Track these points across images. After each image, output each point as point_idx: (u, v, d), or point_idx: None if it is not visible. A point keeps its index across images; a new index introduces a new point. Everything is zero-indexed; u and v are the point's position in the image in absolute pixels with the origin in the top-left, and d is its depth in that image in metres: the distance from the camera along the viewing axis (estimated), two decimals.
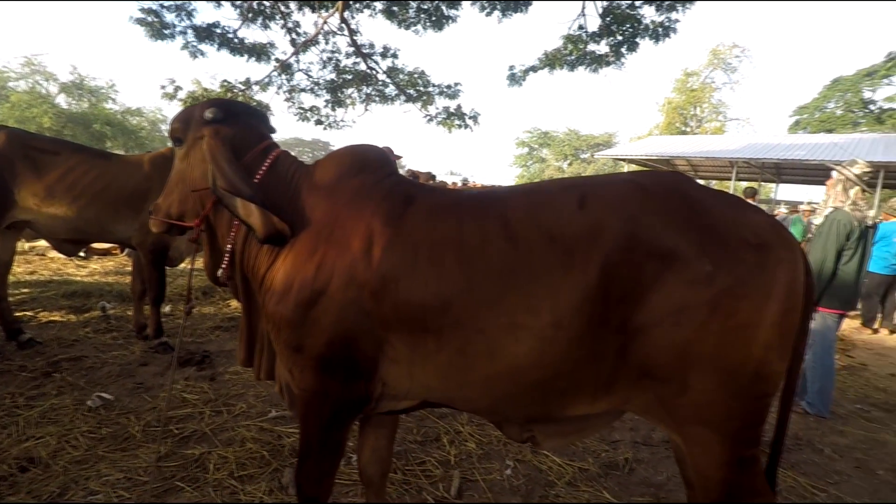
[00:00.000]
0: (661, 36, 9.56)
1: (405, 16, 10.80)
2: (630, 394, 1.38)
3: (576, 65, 10.42)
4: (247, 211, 1.51)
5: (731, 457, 1.32)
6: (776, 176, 25.06)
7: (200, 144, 1.65)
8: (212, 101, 1.72)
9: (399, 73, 12.29)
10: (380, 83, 12.51)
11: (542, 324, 1.32)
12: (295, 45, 11.55)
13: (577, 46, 9.94)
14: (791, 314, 1.29)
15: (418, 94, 12.31)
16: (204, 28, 10.63)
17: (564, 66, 10.45)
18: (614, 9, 9.53)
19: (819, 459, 2.92)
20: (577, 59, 10.23)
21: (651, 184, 1.40)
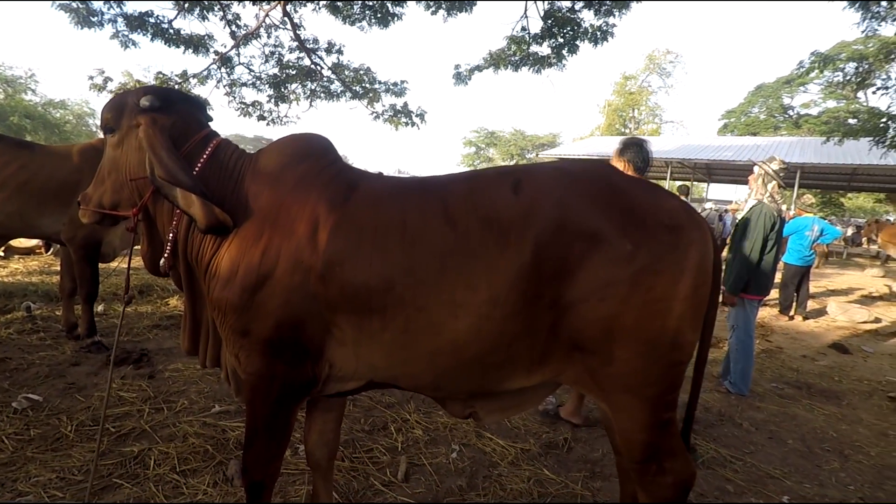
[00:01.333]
0: (600, 39, 9.95)
1: (350, 11, 10.70)
2: (562, 366, 1.48)
3: (519, 65, 10.68)
4: (187, 201, 1.50)
5: (652, 420, 1.45)
6: (707, 176, 26.62)
7: (136, 133, 1.61)
8: (147, 87, 1.68)
9: (344, 70, 12.16)
10: (325, 79, 12.33)
11: (479, 301, 1.40)
12: (235, 38, 11.19)
13: (521, 47, 10.20)
14: (701, 289, 1.43)
15: (364, 91, 12.23)
16: (136, 17, 10.12)
17: (509, 66, 10.69)
18: (555, 12, 9.85)
19: (738, 433, 3.18)
20: (520, 60, 10.49)
21: (578, 171, 1.51)
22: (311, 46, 11.73)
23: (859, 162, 17.57)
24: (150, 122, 1.59)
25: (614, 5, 9.57)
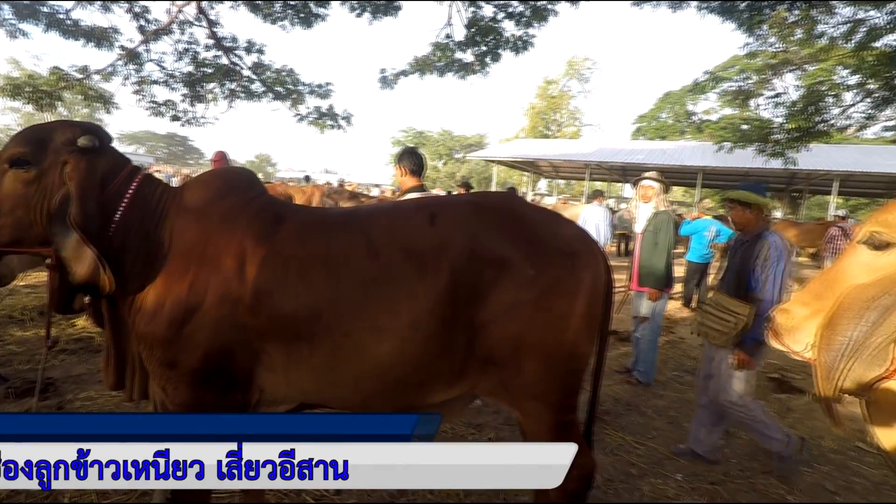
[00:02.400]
0: (520, 49, 10.40)
1: (270, 10, 10.43)
2: (478, 379, 1.64)
3: (445, 71, 10.91)
4: (78, 253, 1.44)
5: (556, 422, 1.64)
6: (622, 176, 28.33)
7: (59, 170, 1.54)
8: (80, 124, 1.61)
9: (266, 70, 11.81)
10: (245, 79, 11.91)
11: (401, 325, 1.52)
12: (144, 33, 10.55)
13: (445, 54, 10.41)
14: (594, 307, 1.64)
15: (287, 92, 11.95)
16: (26, 4, 9.27)
17: (434, 71, 10.88)
18: (478, 20, 10.16)
19: (642, 420, 3.53)
20: (445, 66, 10.72)
21: (488, 203, 1.68)
22: (228, 45, 11.29)
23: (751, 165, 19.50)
24: (84, 164, 1.54)
25: (533, 18, 10.03)
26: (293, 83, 11.95)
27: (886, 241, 1.00)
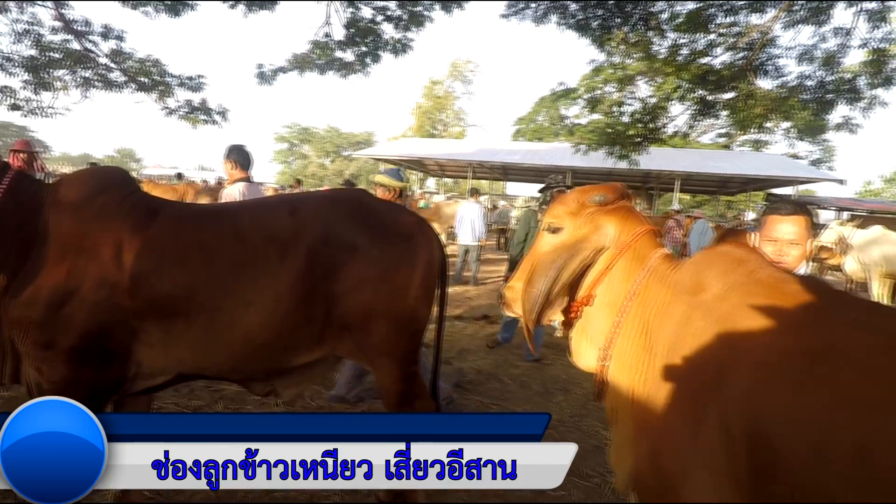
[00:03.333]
0: (400, 51, 10.79)
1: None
2: (337, 343, 1.98)
3: (325, 69, 10.96)
4: None
5: (403, 373, 2.03)
6: (503, 175, 30.10)
7: None
8: None
9: (127, 59, 10.95)
10: (102, 67, 10.94)
11: (266, 299, 1.81)
12: None
13: (325, 52, 10.48)
14: (430, 278, 2.05)
15: (153, 83, 11.19)
16: None
17: (314, 69, 10.88)
18: (357, 21, 10.37)
19: (499, 386, 4.10)
20: (326, 64, 10.78)
21: (341, 197, 2.03)
22: (80, 29, 10.31)
23: (613, 165, 21.88)
24: None
25: (411, 22, 10.47)
26: (160, 74, 11.21)
27: (557, 227, 1.46)
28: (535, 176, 29.55)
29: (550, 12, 10.41)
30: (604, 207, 1.40)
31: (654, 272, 1.26)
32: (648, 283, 1.25)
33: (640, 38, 10.22)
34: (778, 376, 0.86)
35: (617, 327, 1.28)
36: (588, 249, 1.35)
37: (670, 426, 1.02)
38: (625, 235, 1.35)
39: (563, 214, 1.45)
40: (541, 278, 1.35)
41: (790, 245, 1.67)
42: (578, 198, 1.45)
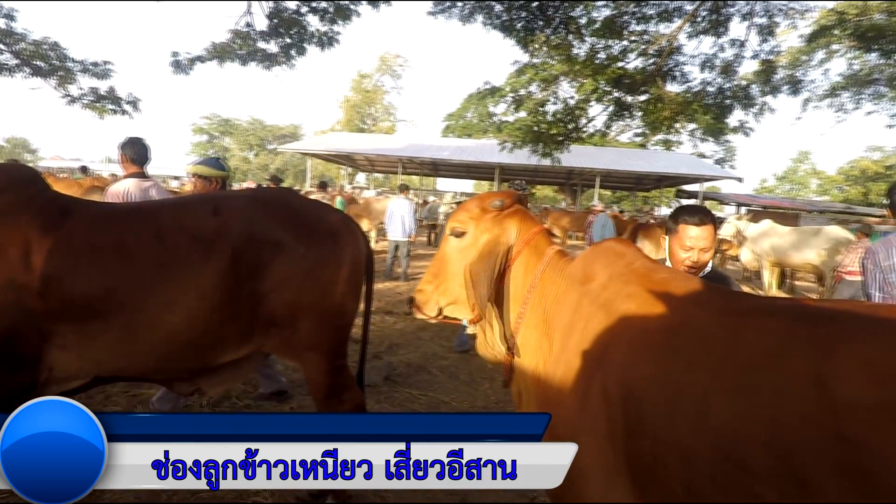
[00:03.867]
0: (326, 44, 10.60)
1: None
2: (264, 340, 2.00)
3: (247, 60, 10.55)
4: None
5: (330, 367, 2.09)
6: (433, 171, 30.32)
7: None
8: None
9: (19, 40, 9.99)
10: None
11: (190, 298, 1.80)
12: None
13: (247, 43, 10.10)
14: (357, 274, 2.12)
15: (52, 68, 10.29)
16: None
17: (235, 59, 10.45)
18: (280, 12, 10.07)
19: (428, 377, 4.23)
20: (247, 55, 10.38)
21: (267, 197, 2.05)
22: None
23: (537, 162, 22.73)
24: None
25: (337, 15, 10.33)
26: (59, 58, 10.33)
27: (461, 231, 1.57)
28: (464, 172, 30.00)
29: (476, 12, 10.66)
30: (504, 211, 1.55)
31: (550, 265, 1.41)
32: (546, 276, 1.40)
33: (561, 41, 10.71)
34: (645, 350, 1.03)
35: (520, 317, 1.43)
36: (503, 247, 1.49)
37: (563, 399, 1.18)
38: (524, 234, 1.49)
39: (466, 219, 1.57)
40: (481, 282, 1.45)
41: (701, 251, 1.87)
42: (480, 204, 1.59)
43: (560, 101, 10.57)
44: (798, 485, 0.73)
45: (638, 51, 10.40)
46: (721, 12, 10.03)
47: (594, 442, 1.06)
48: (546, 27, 10.78)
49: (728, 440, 0.83)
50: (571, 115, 10.72)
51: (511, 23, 10.71)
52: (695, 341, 0.97)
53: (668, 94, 10.23)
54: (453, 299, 1.59)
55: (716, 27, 10.28)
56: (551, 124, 10.13)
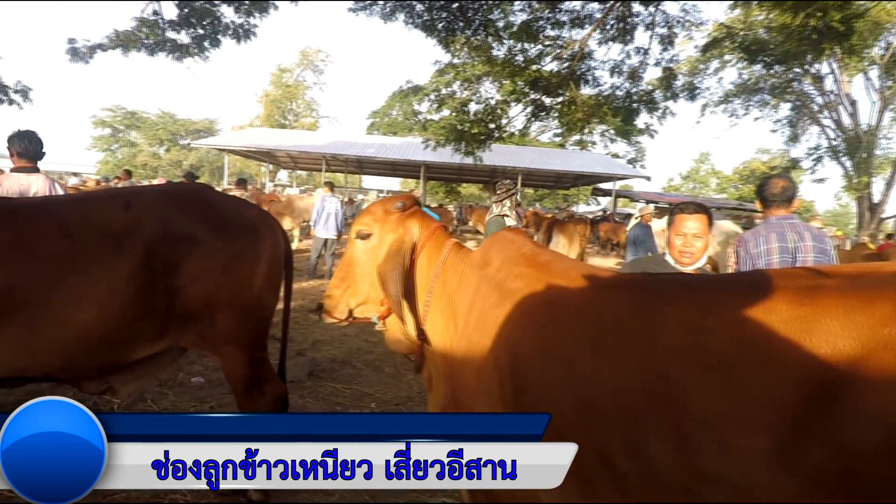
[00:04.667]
0: (243, 37, 10.24)
1: None
2: (180, 334, 2.00)
3: (155, 50, 9.97)
4: None
5: (250, 359, 2.12)
6: (359, 168, 29.98)
7: None
8: None
9: None
10: None
11: (101, 293, 1.78)
12: None
13: (154, 32, 9.54)
14: (275, 268, 2.16)
15: None
16: None
17: (141, 49, 9.84)
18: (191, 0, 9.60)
19: (352, 371, 4.29)
20: (155, 45, 9.81)
21: (179, 191, 2.04)
22: None
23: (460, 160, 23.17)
24: None
25: (253, 7, 10.00)
26: None
27: (367, 233, 1.67)
28: (390, 170, 29.90)
29: (398, 11, 10.73)
30: (405, 212, 1.66)
31: (450, 256, 1.56)
32: (447, 265, 1.54)
33: (481, 43, 11.04)
34: (528, 321, 1.19)
35: (427, 306, 1.56)
36: (407, 245, 1.61)
37: (465, 370, 1.32)
38: (425, 231, 1.62)
39: (371, 222, 1.67)
40: (391, 282, 1.53)
41: (694, 238, 2.04)
42: (383, 207, 1.70)
43: (481, 102, 10.90)
44: (633, 418, 0.92)
45: (553, 55, 10.95)
46: (627, 21, 10.77)
47: (489, 404, 1.21)
48: (466, 28, 11.05)
49: (586, 390, 1.01)
50: (492, 115, 11.09)
51: (432, 23, 10.87)
52: (564, 311, 1.15)
53: (581, 97, 10.85)
54: (363, 299, 1.68)
55: (623, 35, 11.01)
56: (473, 123, 10.43)
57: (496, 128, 10.72)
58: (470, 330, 1.35)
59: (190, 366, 4.05)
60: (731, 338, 0.83)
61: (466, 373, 1.33)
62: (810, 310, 0.77)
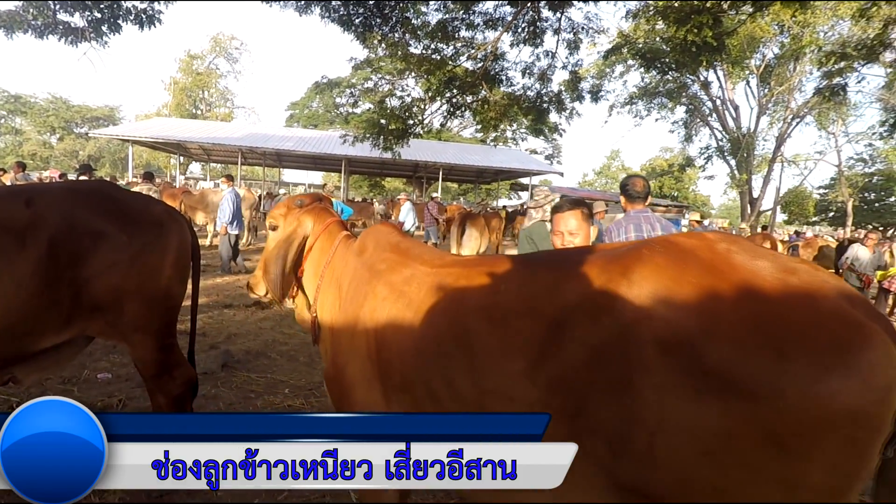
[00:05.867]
0: (146, 23, 9.74)
1: None
2: (87, 324, 2.11)
3: (45, 33, 9.26)
4: None
5: (160, 345, 2.25)
6: (278, 162, 29.08)
7: None
8: None
9: None
10: None
11: (5, 286, 1.86)
12: None
13: (43, 13, 8.87)
14: (183, 259, 2.31)
15: None
16: None
17: (29, 31, 9.11)
18: None
19: (267, 361, 4.42)
20: (45, 27, 9.12)
21: (81, 188, 2.14)
22: None
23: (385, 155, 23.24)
24: None
25: None
26: None
27: (274, 225, 1.97)
28: (311, 164, 29.31)
29: (313, 3, 10.67)
30: (304, 208, 1.94)
31: (340, 246, 1.83)
32: (337, 254, 1.81)
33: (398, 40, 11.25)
34: (387, 294, 1.49)
35: (318, 289, 1.83)
36: (299, 238, 1.88)
37: (342, 335, 1.60)
38: (319, 225, 1.90)
39: (277, 216, 1.96)
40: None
41: (571, 234, 2.21)
42: (287, 203, 1.99)
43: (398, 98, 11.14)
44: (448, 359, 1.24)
45: (467, 55, 11.39)
46: (537, 25, 11.42)
47: (359, 361, 1.51)
48: (384, 25, 11.22)
49: (421, 343, 1.32)
50: (409, 112, 11.36)
51: (349, 18, 10.93)
52: (411, 284, 1.46)
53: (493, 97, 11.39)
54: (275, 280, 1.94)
55: (533, 38, 11.66)
56: (391, 119, 10.65)
57: (414, 123, 11.00)
58: (347, 304, 1.64)
59: (96, 363, 4.01)
60: (513, 298, 1.17)
61: (343, 337, 1.61)
62: (559, 275, 1.13)
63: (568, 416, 1.01)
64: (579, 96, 13.88)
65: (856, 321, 0.81)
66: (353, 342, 1.54)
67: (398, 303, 1.44)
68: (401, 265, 1.54)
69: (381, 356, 1.43)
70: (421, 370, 1.29)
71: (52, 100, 39.07)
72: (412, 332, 1.35)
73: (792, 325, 0.82)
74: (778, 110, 25.94)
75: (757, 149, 25.80)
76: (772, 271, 0.88)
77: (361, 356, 1.50)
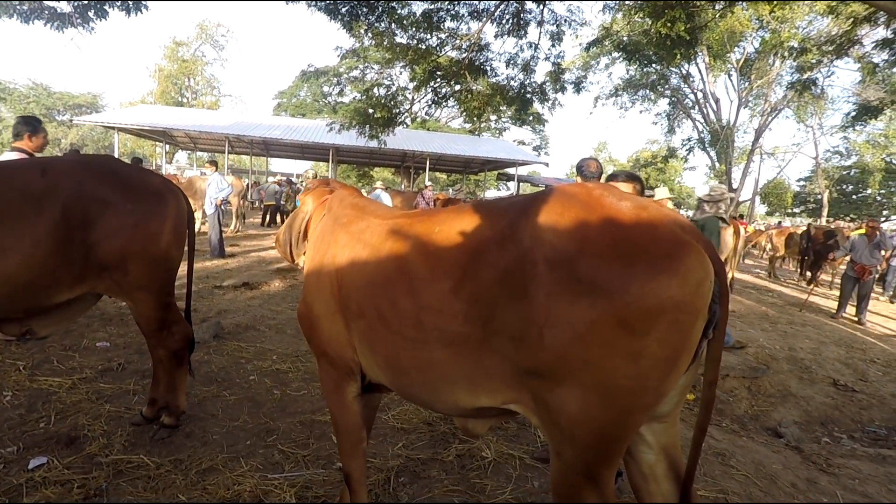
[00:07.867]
0: (133, 9, 9.83)
1: None
2: (96, 282, 2.39)
3: (31, 18, 9.34)
4: None
5: (160, 303, 2.53)
6: (265, 150, 29.00)
7: None
8: None
9: None
10: None
11: (24, 245, 2.14)
12: None
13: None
14: (180, 226, 2.56)
15: None
16: None
17: (13, 15, 9.18)
18: None
19: (256, 333, 4.69)
20: (31, 12, 9.20)
21: (91, 161, 2.41)
22: None
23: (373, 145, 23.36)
24: None
25: None
26: None
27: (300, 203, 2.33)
28: (298, 152, 29.30)
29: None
30: (309, 191, 2.33)
31: (328, 216, 2.15)
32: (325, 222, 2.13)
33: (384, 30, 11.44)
34: (347, 242, 1.82)
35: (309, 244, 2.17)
36: (302, 213, 2.25)
37: (312, 277, 1.93)
38: (315, 202, 2.25)
39: (302, 196, 2.35)
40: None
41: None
42: (307, 187, 2.32)
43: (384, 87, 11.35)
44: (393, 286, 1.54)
45: (452, 45, 11.62)
46: (521, 17, 11.68)
47: (324, 298, 1.82)
48: (370, 14, 11.40)
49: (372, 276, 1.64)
50: (394, 100, 11.58)
51: (335, 6, 11.09)
52: (365, 233, 1.78)
53: (478, 86, 11.65)
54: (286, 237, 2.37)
55: (517, 30, 11.92)
56: (377, 107, 10.87)
57: (399, 112, 11.23)
58: (316, 251, 1.97)
59: (94, 333, 4.27)
60: (444, 236, 1.49)
61: (313, 279, 1.93)
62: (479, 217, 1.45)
63: (483, 321, 1.32)
64: (562, 87, 14.19)
65: (681, 239, 1.14)
66: (320, 282, 1.86)
67: (355, 247, 1.76)
68: (358, 218, 1.89)
69: (342, 291, 1.75)
70: (372, 297, 1.61)
71: (33, 86, 38.44)
72: (366, 268, 1.67)
73: (637, 243, 1.14)
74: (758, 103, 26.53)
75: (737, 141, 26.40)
76: (630, 208, 1.20)
77: (326, 293, 1.82)
